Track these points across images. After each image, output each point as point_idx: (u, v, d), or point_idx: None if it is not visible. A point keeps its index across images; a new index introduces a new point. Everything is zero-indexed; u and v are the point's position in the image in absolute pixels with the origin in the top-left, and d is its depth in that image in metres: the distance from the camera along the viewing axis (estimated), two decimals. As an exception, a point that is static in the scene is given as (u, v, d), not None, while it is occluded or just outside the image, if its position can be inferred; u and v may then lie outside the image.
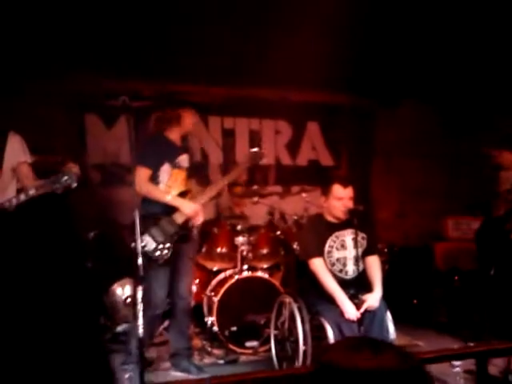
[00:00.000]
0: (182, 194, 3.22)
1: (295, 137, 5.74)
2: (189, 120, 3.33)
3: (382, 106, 5.88)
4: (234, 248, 4.13)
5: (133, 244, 3.09)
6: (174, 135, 3.30)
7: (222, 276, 4.06)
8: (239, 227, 4.22)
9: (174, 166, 3.22)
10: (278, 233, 4.39)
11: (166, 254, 3.09)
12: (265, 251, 4.28)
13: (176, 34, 4.19)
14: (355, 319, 2.79)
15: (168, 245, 3.10)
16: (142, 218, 3.19)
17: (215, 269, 4.18)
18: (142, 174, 3.14)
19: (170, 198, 3.16)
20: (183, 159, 3.31)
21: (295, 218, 4.47)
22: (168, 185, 3.21)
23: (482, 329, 3.91)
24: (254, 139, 3.57)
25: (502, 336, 3.79)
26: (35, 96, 4.60)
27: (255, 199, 4.47)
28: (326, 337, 2.82)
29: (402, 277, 4.76)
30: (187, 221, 3.19)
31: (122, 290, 4.16)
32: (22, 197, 2.66)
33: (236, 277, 3.85)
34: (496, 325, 3.88)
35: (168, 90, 4.75)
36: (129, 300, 4.08)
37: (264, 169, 5.63)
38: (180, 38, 4.20)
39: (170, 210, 3.17)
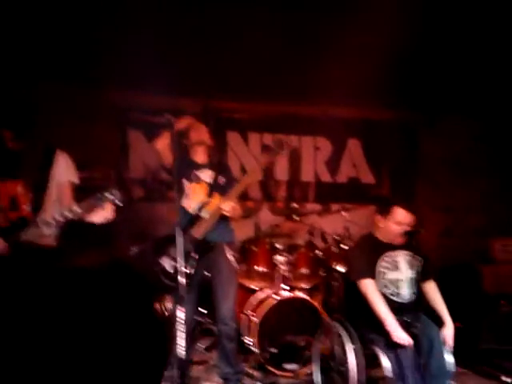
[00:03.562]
0: (201, 206, 3.22)
1: (335, 154, 5.67)
2: (195, 133, 3.35)
3: (425, 122, 5.74)
4: (272, 267, 4.06)
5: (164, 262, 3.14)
6: (194, 153, 3.39)
7: (262, 296, 3.99)
8: (278, 246, 4.16)
9: (191, 180, 3.28)
10: (318, 252, 4.30)
11: (188, 274, 3.00)
12: (304, 271, 4.19)
13: (218, 52, 4.23)
14: (407, 344, 2.62)
15: (189, 264, 3.04)
16: (162, 238, 3.24)
17: (253, 287, 4.13)
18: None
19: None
20: (203, 174, 3.33)
21: (335, 237, 4.37)
22: (188, 199, 3.27)
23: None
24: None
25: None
26: (80, 113, 4.72)
27: (296, 218, 4.41)
28: (379, 366, 2.67)
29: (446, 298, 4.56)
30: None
31: (161, 307, 4.17)
32: (66, 213, 2.69)
33: (277, 298, 3.77)
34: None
35: (211, 106, 4.78)
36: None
37: (303, 186, 5.58)
38: (223, 56, 4.23)
39: (190, 226, 3.15)
